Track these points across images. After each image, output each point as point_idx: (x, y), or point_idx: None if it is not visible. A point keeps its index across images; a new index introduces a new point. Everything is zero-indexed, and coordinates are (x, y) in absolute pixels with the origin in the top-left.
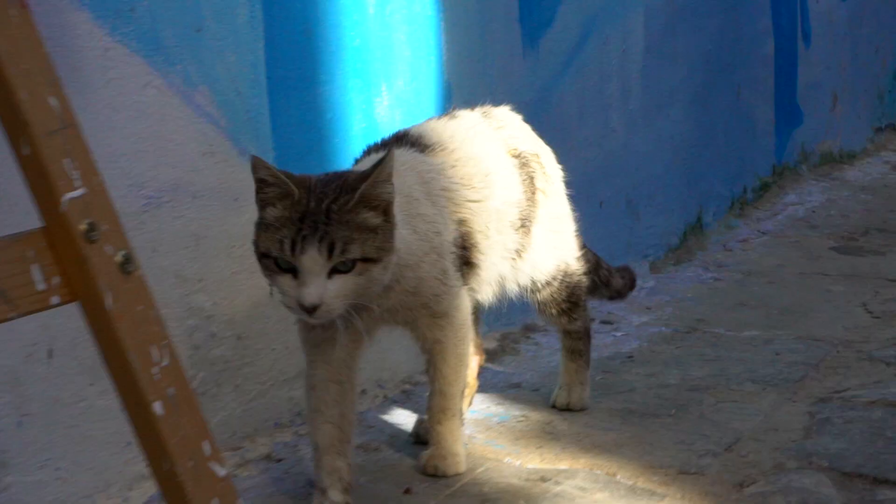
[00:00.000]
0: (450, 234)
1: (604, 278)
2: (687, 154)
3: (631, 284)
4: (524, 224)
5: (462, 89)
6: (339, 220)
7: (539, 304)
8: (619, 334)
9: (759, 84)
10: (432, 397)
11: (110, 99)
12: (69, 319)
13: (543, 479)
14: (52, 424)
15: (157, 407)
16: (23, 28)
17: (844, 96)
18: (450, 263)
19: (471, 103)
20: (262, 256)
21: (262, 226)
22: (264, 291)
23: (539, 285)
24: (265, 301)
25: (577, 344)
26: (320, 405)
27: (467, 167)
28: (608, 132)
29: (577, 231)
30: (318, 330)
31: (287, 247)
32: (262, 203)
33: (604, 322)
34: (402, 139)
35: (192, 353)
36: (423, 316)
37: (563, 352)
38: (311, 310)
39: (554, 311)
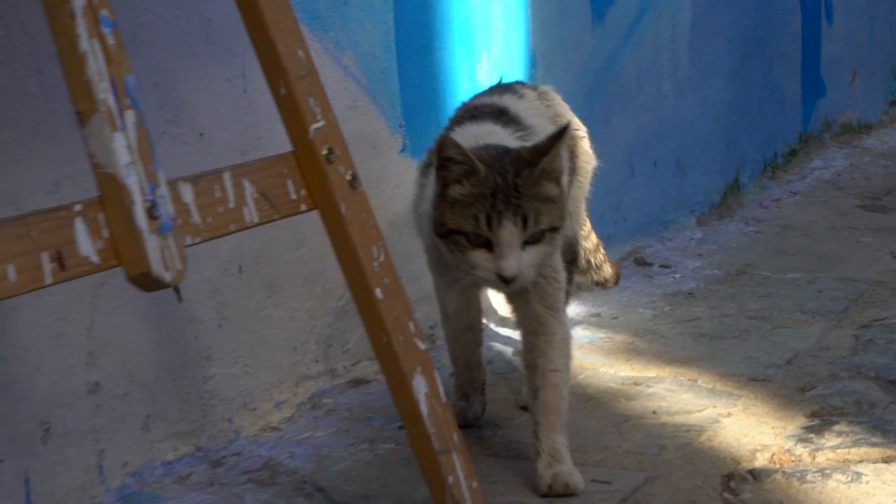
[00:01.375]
0: None
1: (598, 262)
2: (726, 120)
3: (616, 279)
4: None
5: (544, 57)
6: (527, 194)
7: None
8: (677, 276)
9: (787, 58)
10: (545, 400)
11: None
12: (254, 241)
13: (636, 384)
14: (241, 328)
15: (378, 293)
16: None
17: (862, 71)
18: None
19: (551, 70)
20: (451, 233)
21: (447, 204)
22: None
23: None
24: (397, 236)
25: None
26: (464, 345)
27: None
28: (661, 98)
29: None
30: (455, 293)
31: (483, 222)
32: (446, 180)
33: (662, 266)
34: (486, 111)
35: (334, 276)
36: (536, 295)
37: None
38: (510, 280)
39: None
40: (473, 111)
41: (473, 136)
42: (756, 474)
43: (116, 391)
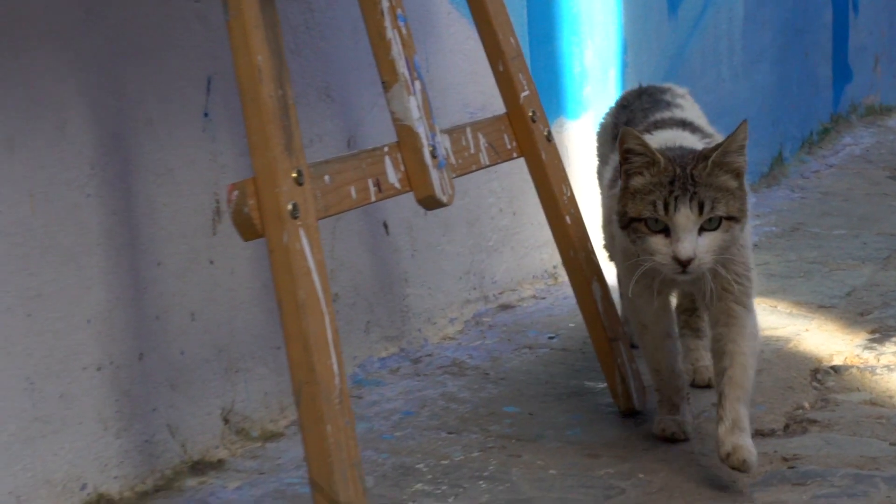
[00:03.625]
0: None
1: None
2: (772, 101)
3: None
4: None
5: (632, 45)
6: (703, 183)
7: None
8: None
9: (821, 47)
10: (733, 375)
11: (450, 46)
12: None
13: None
14: (426, 259)
15: (567, 218)
16: None
17: (884, 58)
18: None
19: (638, 56)
20: (632, 221)
21: (629, 194)
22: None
23: None
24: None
25: None
26: (666, 355)
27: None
28: (720, 81)
29: None
30: (652, 298)
31: (661, 207)
32: (628, 173)
33: None
34: (671, 123)
35: (487, 222)
36: (735, 300)
37: None
38: (685, 263)
39: None
40: (659, 123)
41: (664, 140)
42: (836, 369)
43: (347, 301)
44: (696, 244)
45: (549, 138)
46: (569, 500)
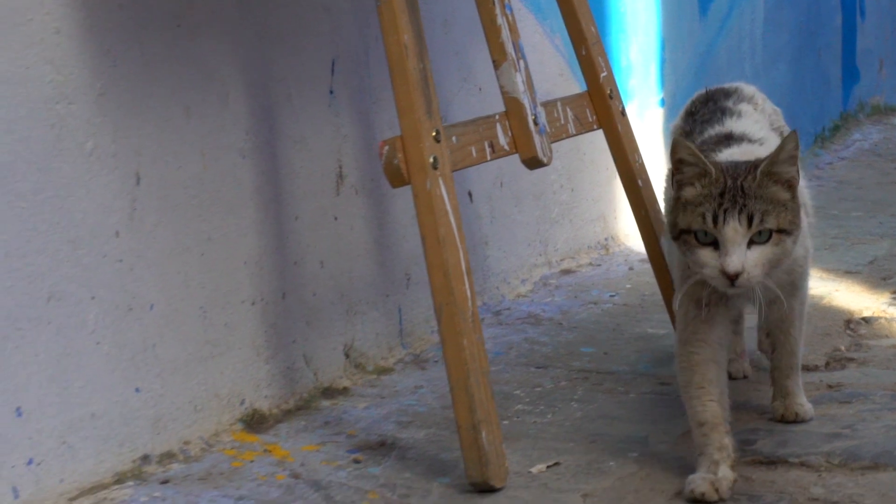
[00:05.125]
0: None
1: None
2: (789, 99)
3: None
4: None
5: (669, 42)
6: (753, 195)
7: None
8: None
9: (831, 49)
10: (781, 357)
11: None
12: (509, 165)
13: None
14: (501, 226)
15: (639, 182)
16: None
17: (888, 61)
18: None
19: (674, 52)
20: (682, 233)
21: (679, 206)
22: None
23: None
24: (582, 168)
25: None
26: (704, 383)
27: None
28: (743, 78)
29: None
30: (699, 312)
31: (710, 219)
32: (680, 184)
33: None
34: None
35: (550, 197)
36: (786, 295)
37: None
38: (733, 277)
39: None
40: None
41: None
42: (866, 319)
43: None
44: (744, 258)
45: (624, 113)
46: (650, 416)
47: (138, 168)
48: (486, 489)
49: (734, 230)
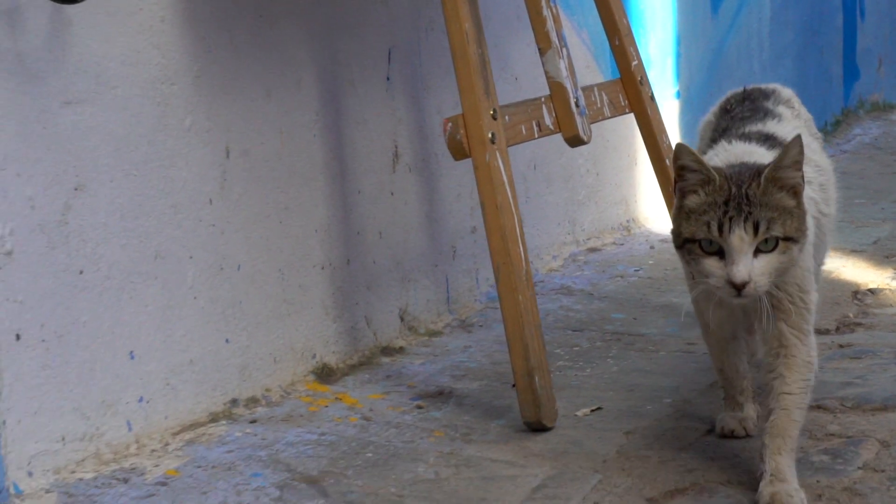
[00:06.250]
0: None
1: None
2: None
3: None
4: None
5: (684, 38)
6: (758, 202)
7: None
8: None
9: (833, 47)
10: (776, 421)
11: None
12: (540, 148)
13: None
14: (534, 206)
15: (666, 161)
16: None
17: (886, 60)
18: (811, 260)
19: (688, 48)
20: (686, 242)
21: (683, 214)
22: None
23: None
24: (606, 154)
25: None
26: (724, 343)
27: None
28: (751, 73)
29: None
30: (713, 305)
31: (715, 228)
32: (683, 192)
33: None
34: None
35: (578, 180)
36: (780, 312)
37: None
38: (740, 286)
39: None
40: (745, 136)
41: (736, 154)
42: (872, 291)
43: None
44: (751, 267)
45: (653, 98)
46: (680, 370)
47: (228, 143)
48: (539, 428)
49: (740, 238)
